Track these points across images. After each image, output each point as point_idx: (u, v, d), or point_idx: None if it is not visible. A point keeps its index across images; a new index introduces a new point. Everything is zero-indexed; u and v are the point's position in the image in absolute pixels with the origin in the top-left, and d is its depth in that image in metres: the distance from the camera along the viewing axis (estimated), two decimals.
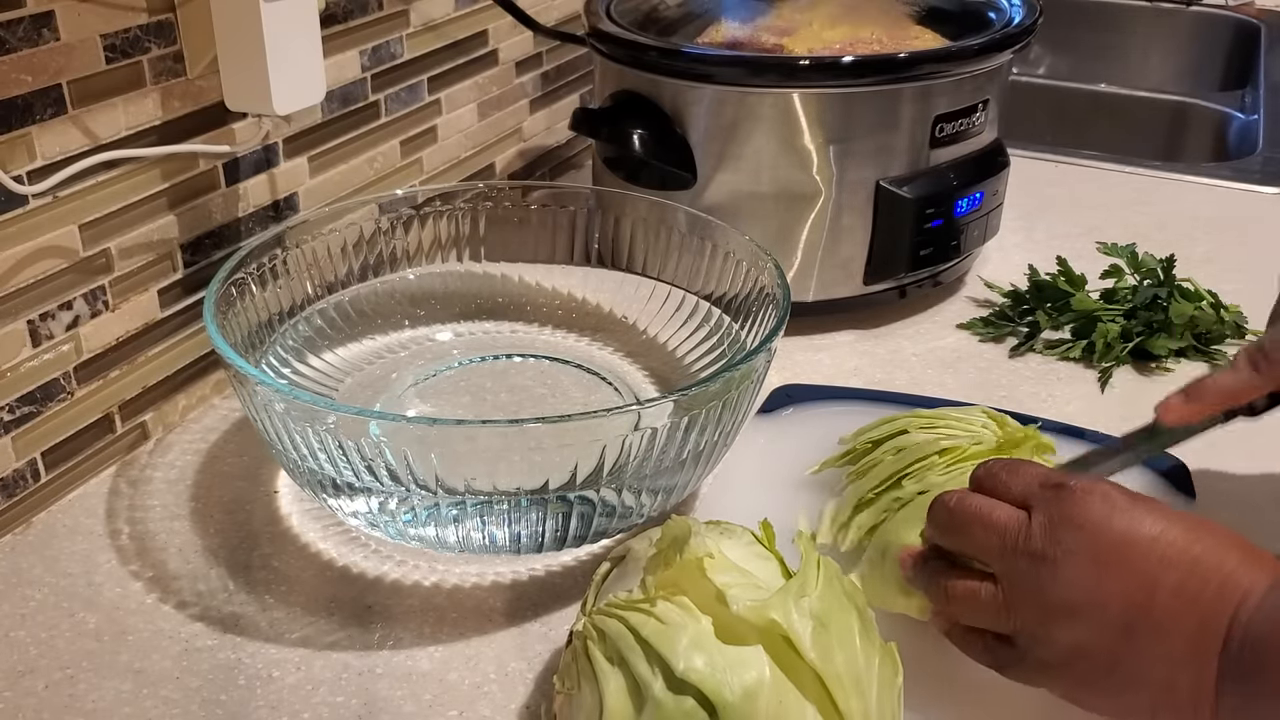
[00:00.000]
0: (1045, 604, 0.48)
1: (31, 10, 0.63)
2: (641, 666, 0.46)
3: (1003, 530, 0.50)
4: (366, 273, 0.82)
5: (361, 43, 0.88)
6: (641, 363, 0.82)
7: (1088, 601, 0.47)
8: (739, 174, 0.85)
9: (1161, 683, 0.46)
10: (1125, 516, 0.48)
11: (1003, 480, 0.52)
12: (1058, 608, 0.48)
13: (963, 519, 0.52)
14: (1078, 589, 0.47)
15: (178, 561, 0.67)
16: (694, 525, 0.51)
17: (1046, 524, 0.49)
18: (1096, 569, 0.47)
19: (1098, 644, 0.47)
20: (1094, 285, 0.92)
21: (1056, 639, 0.48)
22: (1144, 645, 0.46)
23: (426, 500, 0.61)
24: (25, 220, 0.65)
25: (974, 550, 0.52)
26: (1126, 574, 0.47)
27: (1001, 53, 0.87)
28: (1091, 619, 0.47)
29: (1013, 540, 0.50)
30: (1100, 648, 0.47)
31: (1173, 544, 0.47)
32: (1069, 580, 0.48)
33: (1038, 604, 0.49)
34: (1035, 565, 0.49)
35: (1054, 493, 0.50)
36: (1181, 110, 1.48)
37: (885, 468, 0.63)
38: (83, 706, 0.57)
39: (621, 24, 0.89)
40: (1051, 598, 0.48)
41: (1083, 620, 0.47)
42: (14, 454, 0.68)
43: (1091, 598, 0.47)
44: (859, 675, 0.47)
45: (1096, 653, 0.47)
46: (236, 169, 0.79)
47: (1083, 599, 0.47)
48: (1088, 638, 0.47)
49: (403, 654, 0.61)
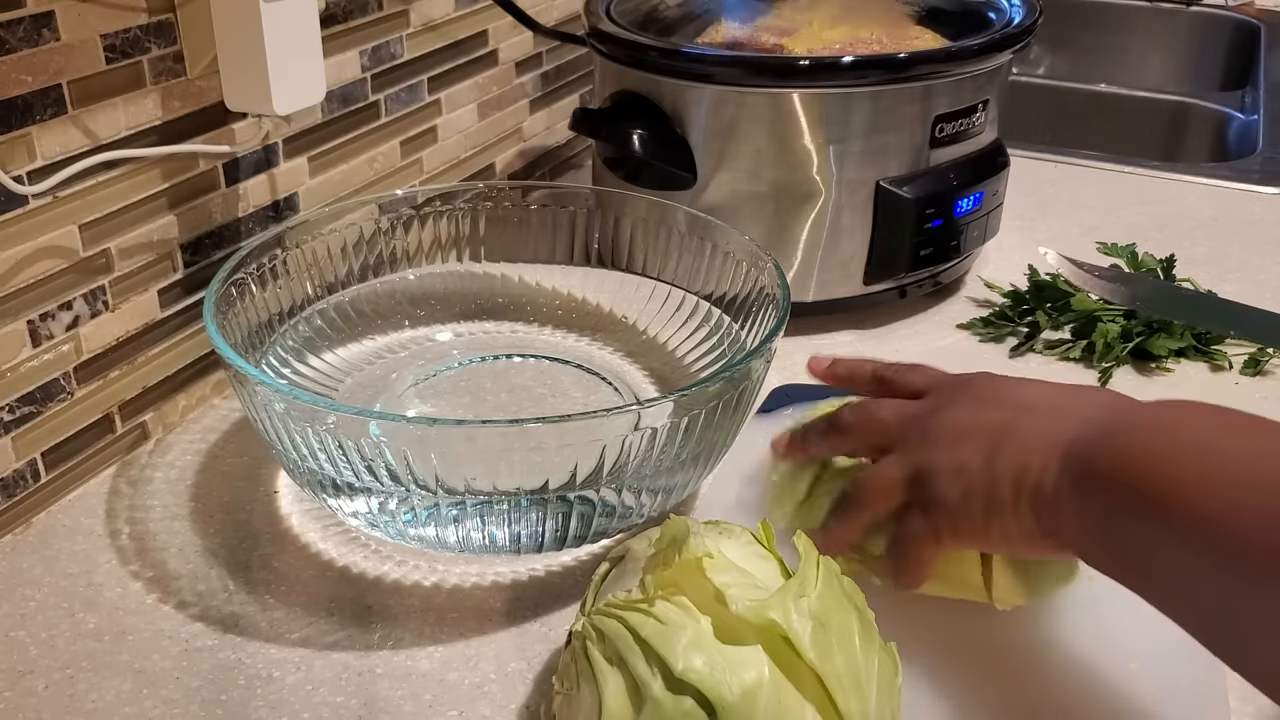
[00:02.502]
0: (932, 438, 0.56)
1: (31, 10, 0.63)
2: (640, 667, 0.46)
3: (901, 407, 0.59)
4: (366, 273, 0.82)
5: (361, 43, 0.88)
6: (641, 363, 0.82)
7: (963, 426, 0.55)
8: (739, 174, 0.85)
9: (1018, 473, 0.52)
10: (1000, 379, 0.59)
11: (903, 376, 0.62)
12: (942, 436, 0.56)
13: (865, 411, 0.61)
14: (960, 420, 0.56)
15: (178, 561, 0.67)
16: (693, 525, 0.51)
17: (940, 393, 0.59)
18: (976, 406, 0.56)
19: (973, 460, 0.54)
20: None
21: (941, 464, 0.55)
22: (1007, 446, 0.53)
23: (426, 500, 0.61)
24: (25, 220, 0.65)
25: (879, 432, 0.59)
26: (998, 406, 0.56)
27: (1001, 53, 0.87)
28: (966, 438, 0.55)
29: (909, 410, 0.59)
30: (975, 461, 0.54)
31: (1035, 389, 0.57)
32: (953, 416, 0.56)
33: (926, 444, 0.56)
34: (926, 418, 0.57)
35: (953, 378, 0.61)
36: (1181, 110, 1.48)
37: None
38: (83, 706, 0.58)
39: (621, 24, 0.89)
40: (938, 432, 0.56)
41: (964, 441, 0.55)
42: (14, 454, 0.68)
43: (967, 423, 0.55)
44: (858, 675, 0.47)
45: (973, 468, 0.54)
46: (236, 169, 0.79)
47: (960, 426, 0.55)
48: (965, 457, 0.54)
49: (403, 654, 0.61)
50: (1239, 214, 1.12)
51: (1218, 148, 1.43)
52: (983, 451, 0.54)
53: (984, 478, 0.53)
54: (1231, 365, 0.85)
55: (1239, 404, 0.80)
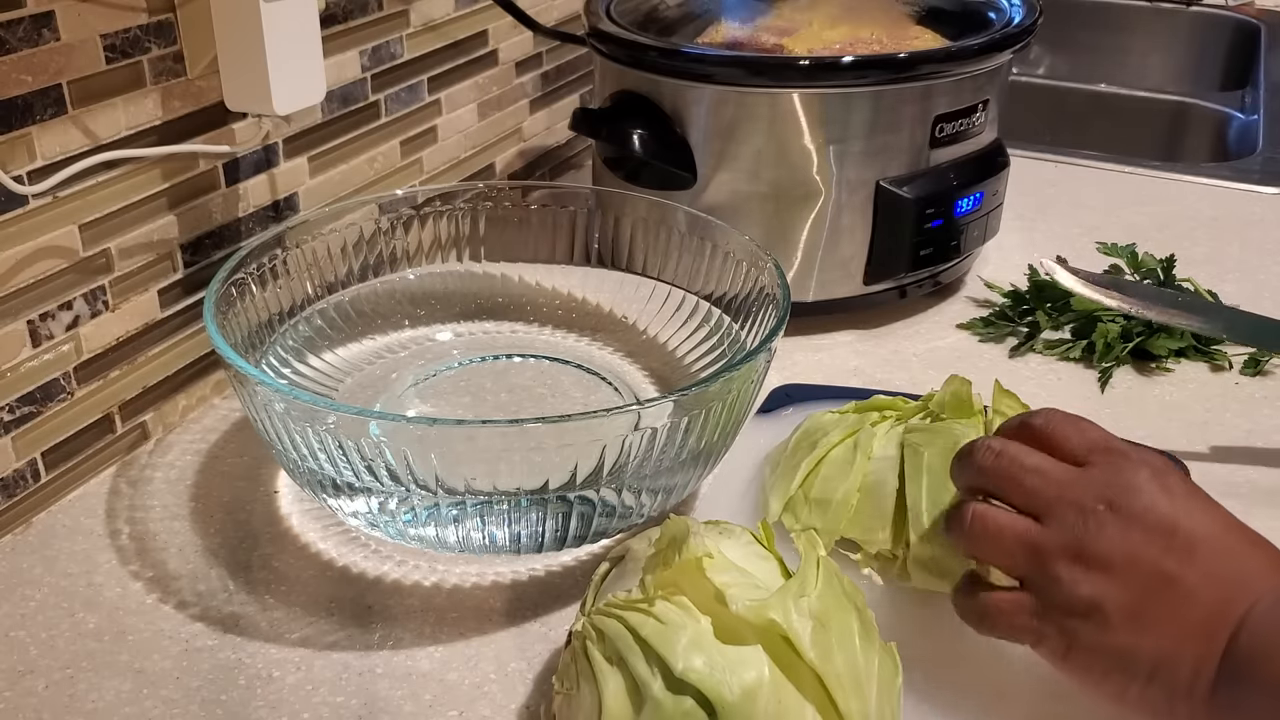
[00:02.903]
0: (1080, 551, 0.49)
1: (31, 10, 0.63)
2: (640, 666, 0.46)
3: (1058, 481, 0.51)
4: (366, 273, 0.82)
5: (361, 43, 0.88)
6: (641, 363, 0.82)
7: (1122, 559, 0.48)
8: (739, 174, 0.85)
9: (1168, 652, 0.47)
10: (1181, 500, 0.49)
11: (1062, 431, 0.53)
12: (1091, 557, 0.49)
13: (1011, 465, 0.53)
14: (1117, 545, 0.48)
15: (178, 561, 0.67)
16: (693, 525, 0.51)
17: (1103, 483, 0.50)
18: (1141, 534, 0.48)
19: (1118, 599, 0.48)
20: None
21: (1079, 589, 0.49)
22: (1163, 609, 0.47)
23: (426, 500, 0.61)
24: (25, 220, 0.65)
25: (1019, 494, 0.52)
26: (1167, 546, 0.48)
27: (1001, 53, 0.87)
28: (1121, 574, 0.48)
29: (1065, 490, 0.51)
30: (1119, 603, 0.48)
31: (1215, 535, 0.48)
32: (1111, 536, 0.49)
33: (1072, 550, 0.49)
34: (1082, 515, 0.49)
35: (1116, 457, 0.51)
36: (1181, 110, 1.48)
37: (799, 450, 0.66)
38: (83, 706, 0.58)
39: (621, 24, 0.89)
40: (1088, 547, 0.49)
41: (1112, 575, 0.48)
42: (14, 454, 0.68)
43: (1127, 556, 0.48)
44: (858, 675, 0.47)
45: (1113, 608, 0.48)
46: (236, 169, 0.79)
47: (1119, 555, 0.48)
48: (1110, 592, 0.48)
49: (403, 654, 0.61)
50: (1239, 214, 1.12)
51: (1218, 148, 1.43)
52: (1135, 598, 0.48)
53: (1125, 634, 0.48)
54: (1231, 365, 0.85)
55: (1239, 404, 0.81)
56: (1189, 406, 0.81)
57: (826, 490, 0.63)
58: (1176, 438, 0.77)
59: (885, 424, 0.65)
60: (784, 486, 0.65)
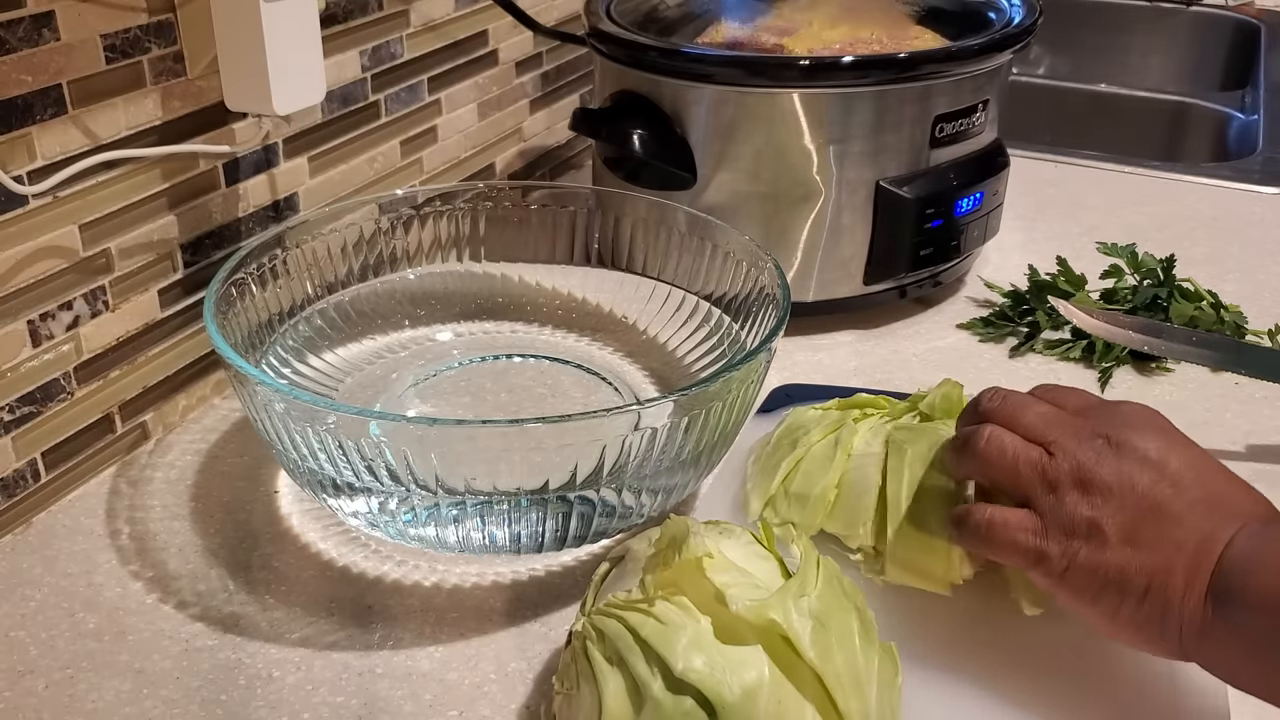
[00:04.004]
0: (1082, 477, 0.52)
1: (31, 10, 0.63)
2: (640, 667, 0.46)
3: (1060, 419, 0.55)
4: (366, 273, 0.82)
5: (361, 43, 0.88)
6: (641, 363, 0.82)
7: (1120, 485, 0.52)
8: (739, 174, 0.85)
9: (1161, 568, 0.50)
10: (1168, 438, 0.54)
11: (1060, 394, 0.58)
12: (1092, 483, 0.52)
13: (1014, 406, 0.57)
14: (1115, 474, 0.52)
15: (178, 561, 0.67)
16: (693, 525, 0.51)
17: (1101, 422, 0.54)
18: (1136, 466, 0.52)
19: (1116, 520, 0.51)
20: (1094, 285, 0.92)
21: (1080, 510, 0.52)
22: (1156, 531, 0.51)
23: (426, 500, 0.61)
24: (25, 220, 0.65)
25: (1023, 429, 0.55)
26: (1157, 476, 0.52)
27: (1001, 53, 0.87)
28: (1118, 499, 0.51)
29: (1067, 426, 0.55)
30: (1117, 524, 0.51)
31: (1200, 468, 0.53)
32: (1110, 465, 0.52)
33: (1075, 476, 0.52)
34: (1084, 446, 0.53)
35: (1111, 406, 0.56)
36: (1181, 110, 1.48)
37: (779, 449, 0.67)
38: (83, 706, 0.58)
39: (621, 24, 0.89)
40: (1090, 473, 0.52)
41: (1110, 499, 0.51)
42: (14, 454, 0.68)
43: (1124, 484, 0.52)
44: (858, 675, 0.47)
45: (1112, 528, 0.51)
46: (236, 169, 0.79)
47: (1116, 482, 0.52)
48: (1109, 513, 0.51)
49: (403, 654, 0.61)
50: (1239, 214, 1.12)
51: (1218, 148, 1.43)
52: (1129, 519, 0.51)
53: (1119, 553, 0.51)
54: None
55: (1239, 404, 0.81)
56: (1189, 406, 0.81)
57: (806, 485, 0.63)
58: None
59: (867, 421, 0.65)
60: (765, 484, 0.65)
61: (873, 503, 0.61)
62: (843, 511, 0.62)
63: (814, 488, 0.63)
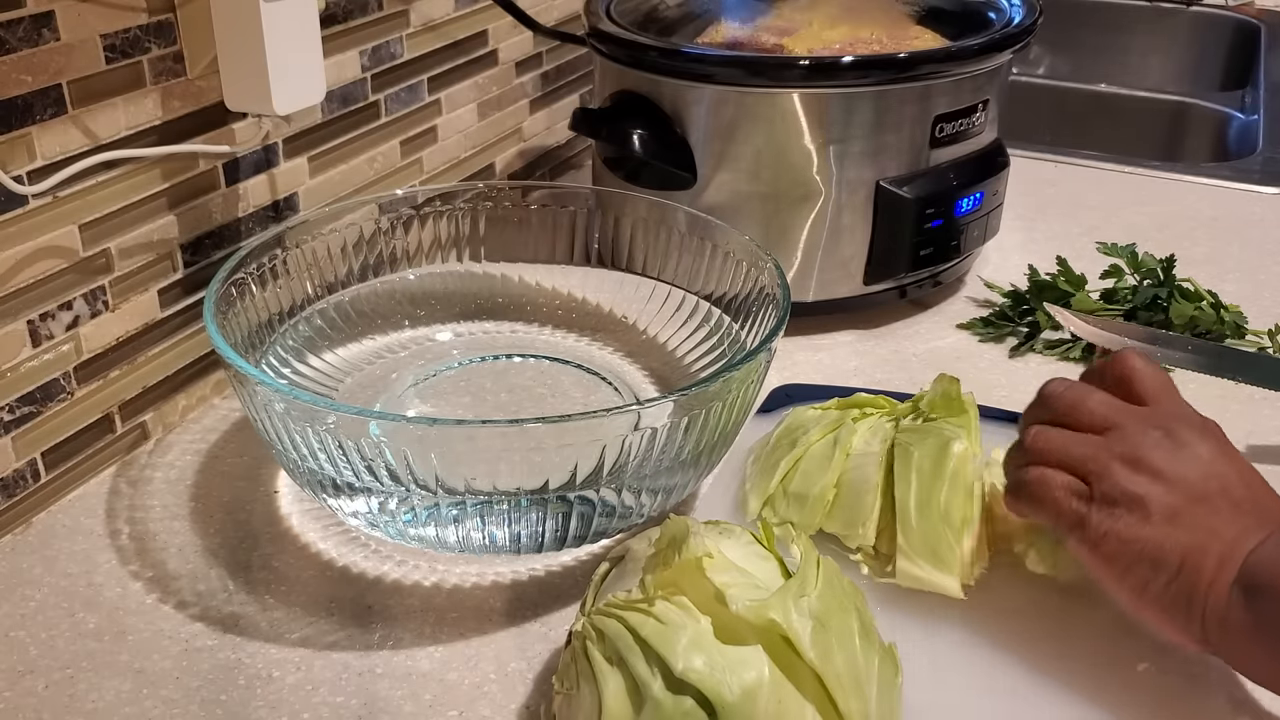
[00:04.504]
0: (1135, 458, 0.54)
1: (31, 10, 0.63)
2: (640, 667, 0.46)
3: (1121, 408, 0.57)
4: (366, 273, 0.82)
5: (361, 43, 0.88)
6: (641, 363, 0.82)
7: (1171, 472, 0.54)
8: (739, 174, 0.85)
9: (1196, 549, 0.52)
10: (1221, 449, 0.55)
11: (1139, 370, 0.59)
12: (1144, 463, 0.54)
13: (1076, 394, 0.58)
14: (1168, 462, 0.54)
15: (178, 561, 0.67)
16: (693, 525, 0.51)
17: (1163, 417, 0.56)
18: (1189, 461, 0.54)
19: (1161, 499, 0.53)
20: (1094, 285, 0.92)
21: (1127, 483, 0.53)
22: (1198, 516, 0.52)
23: (426, 500, 0.61)
24: (25, 220, 0.65)
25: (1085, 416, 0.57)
26: (1208, 473, 0.54)
27: (1001, 53, 0.87)
28: (1166, 483, 0.53)
29: (1128, 416, 0.56)
30: (1162, 503, 0.53)
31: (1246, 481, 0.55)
32: (1164, 454, 0.54)
33: (1128, 455, 0.54)
34: (1142, 432, 0.55)
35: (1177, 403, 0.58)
36: (1181, 110, 1.48)
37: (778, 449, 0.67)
38: (83, 706, 0.58)
39: (621, 24, 0.89)
40: (1143, 456, 0.54)
41: (1159, 481, 0.53)
42: (14, 454, 0.68)
43: (1175, 472, 0.54)
44: (858, 675, 0.47)
45: (1156, 505, 0.53)
46: (236, 169, 0.79)
47: (1168, 469, 0.54)
48: (1155, 492, 0.53)
49: (403, 654, 0.61)
50: (1239, 214, 1.12)
51: (1218, 148, 1.43)
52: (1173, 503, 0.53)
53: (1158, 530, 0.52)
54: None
55: (1238, 403, 0.81)
56: None
57: (804, 485, 0.64)
58: None
59: (866, 421, 0.65)
60: (764, 484, 0.65)
61: (872, 502, 0.61)
62: (842, 511, 0.63)
63: (813, 487, 0.63)
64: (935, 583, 0.59)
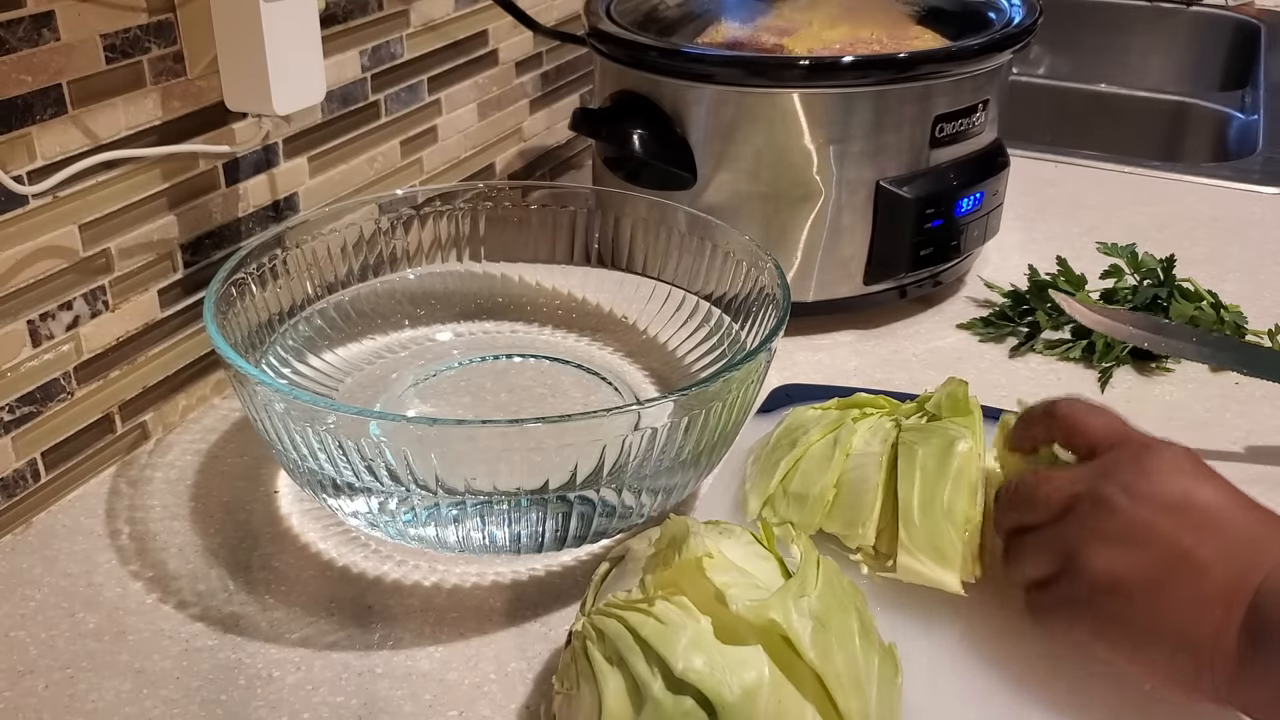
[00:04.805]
0: (1098, 530, 0.51)
1: (31, 10, 0.63)
2: (641, 666, 0.46)
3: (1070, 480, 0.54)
4: (366, 273, 0.82)
5: (361, 43, 0.88)
6: (641, 363, 0.82)
7: (1138, 535, 0.50)
8: (739, 174, 0.85)
9: (1188, 621, 0.49)
10: (1191, 479, 0.52)
11: (1085, 419, 0.57)
12: (1108, 535, 0.51)
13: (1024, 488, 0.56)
14: (1132, 524, 0.51)
15: (178, 561, 0.67)
16: (693, 525, 0.51)
17: (1117, 469, 0.53)
18: (1153, 512, 0.51)
19: (1137, 575, 0.50)
20: (1094, 285, 0.92)
21: (1098, 565, 0.51)
22: (1180, 582, 0.49)
23: (426, 500, 0.61)
24: (25, 220, 0.65)
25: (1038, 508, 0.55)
26: (1180, 522, 0.50)
27: (1001, 53, 0.87)
28: (1138, 550, 0.50)
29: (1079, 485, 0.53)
30: (1138, 579, 0.50)
31: (1227, 509, 0.51)
32: (1126, 516, 0.51)
33: (1091, 531, 0.52)
34: (1098, 502, 0.52)
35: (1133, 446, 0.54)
36: (1181, 110, 1.48)
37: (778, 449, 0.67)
38: (83, 706, 0.58)
39: (621, 24, 0.89)
40: (1105, 526, 0.51)
41: (1130, 550, 0.50)
42: (14, 454, 0.68)
43: (1143, 533, 0.50)
44: (858, 675, 0.47)
45: (1133, 584, 0.50)
46: (236, 169, 0.79)
47: (1135, 533, 0.50)
48: (1129, 567, 0.50)
49: (403, 654, 0.61)
50: (1239, 214, 1.12)
51: (1218, 148, 1.43)
52: (1152, 571, 0.50)
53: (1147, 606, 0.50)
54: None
55: (1239, 404, 0.81)
56: (1189, 406, 0.81)
57: (804, 485, 0.64)
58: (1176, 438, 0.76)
59: (866, 421, 0.65)
60: (764, 484, 0.65)
61: (872, 502, 0.61)
62: (841, 511, 0.63)
63: (812, 487, 0.63)
64: (936, 578, 0.59)
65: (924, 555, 0.59)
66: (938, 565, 0.59)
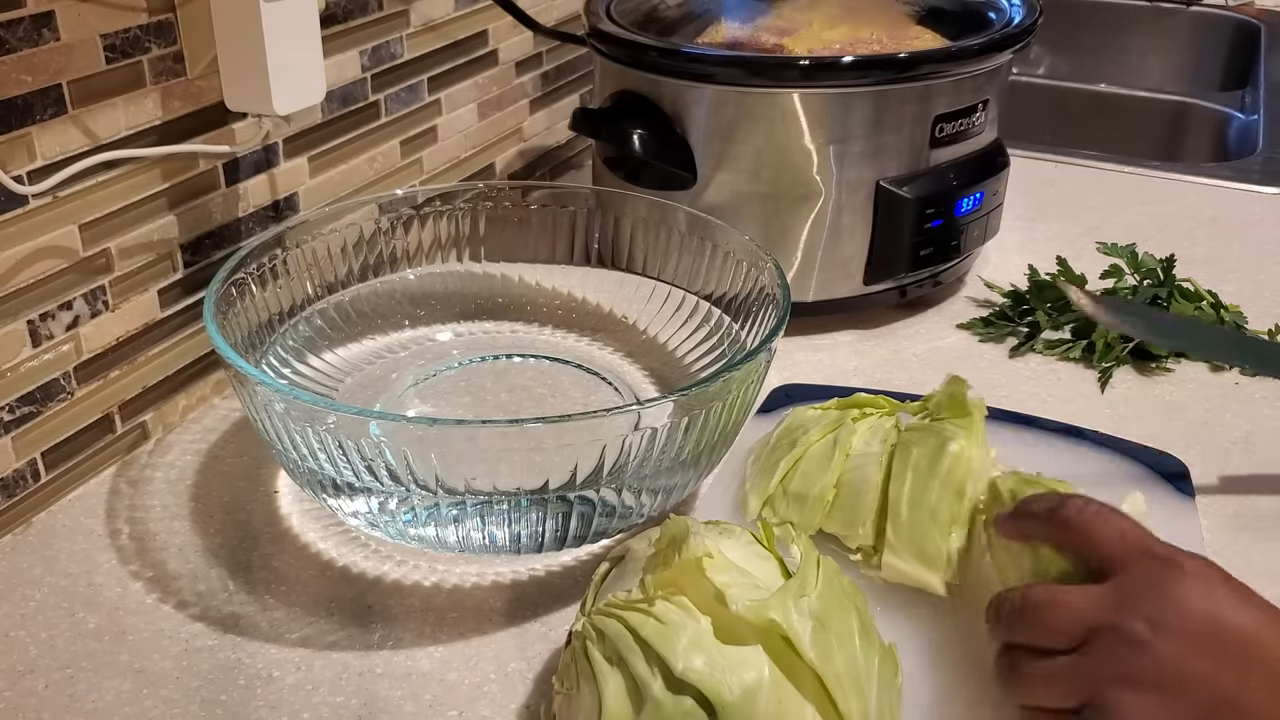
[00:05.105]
0: (1125, 673, 0.46)
1: (31, 10, 0.63)
2: (641, 667, 0.46)
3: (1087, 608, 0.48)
4: (366, 273, 0.82)
5: (361, 43, 0.88)
6: (641, 363, 0.82)
7: (1173, 679, 0.45)
8: (739, 174, 0.85)
9: None
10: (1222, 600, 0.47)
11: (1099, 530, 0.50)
12: (1138, 680, 0.46)
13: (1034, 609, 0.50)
14: (1165, 664, 0.45)
15: (178, 561, 0.67)
16: (693, 525, 0.51)
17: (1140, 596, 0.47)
18: (1185, 649, 0.45)
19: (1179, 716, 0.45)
20: (1094, 285, 0.92)
21: (1129, 713, 0.46)
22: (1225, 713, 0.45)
23: (426, 500, 0.61)
24: (25, 220, 0.65)
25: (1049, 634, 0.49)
26: (1217, 657, 0.45)
27: (1001, 53, 0.87)
28: (1174, 697, 0.45)
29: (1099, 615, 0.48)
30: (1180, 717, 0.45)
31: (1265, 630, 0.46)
32: (1156, 656, 0.46)
33: (1117, 673, 0.46)
34: (1122, 639, 0.46)
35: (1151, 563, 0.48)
36: (1181, 110, 1.48)
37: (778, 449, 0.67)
38: (83, 706, 0.58)
39: (621, 24, 0.89)
40: (1133, 668, 0.46)
41: (1165, 697, 0.45)
42: (14, 454, 0.68)
43: (1178, 676, 0.45)
44: (858, 675, 0.47)
45: None
46: (236, 169, 0.79)
47: (1169, 676, 0.45)
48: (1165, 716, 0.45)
49: (403, 654, 0.61)
50: (1239, 214, 1.12)
51: (1218, 148, 1.43)
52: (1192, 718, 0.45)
53: None
54: (1231, 365, 0.85)
55: (1239, 404, 0.81)
56: (1189, 406, 0.81)
57: (804, 485, 0.64)
58: (1176, 438, 0.77)
59: (866, 421, 0.65)
60: (763, 484, 0.66)
61: (872, 502, 0.62)
62: (841, 511, 0.63)
63: (812, 487, 0.63)
64: (919, 578, 0.59)
65: (908, 555, 0.59)
66: (921, 565, 0.59)
